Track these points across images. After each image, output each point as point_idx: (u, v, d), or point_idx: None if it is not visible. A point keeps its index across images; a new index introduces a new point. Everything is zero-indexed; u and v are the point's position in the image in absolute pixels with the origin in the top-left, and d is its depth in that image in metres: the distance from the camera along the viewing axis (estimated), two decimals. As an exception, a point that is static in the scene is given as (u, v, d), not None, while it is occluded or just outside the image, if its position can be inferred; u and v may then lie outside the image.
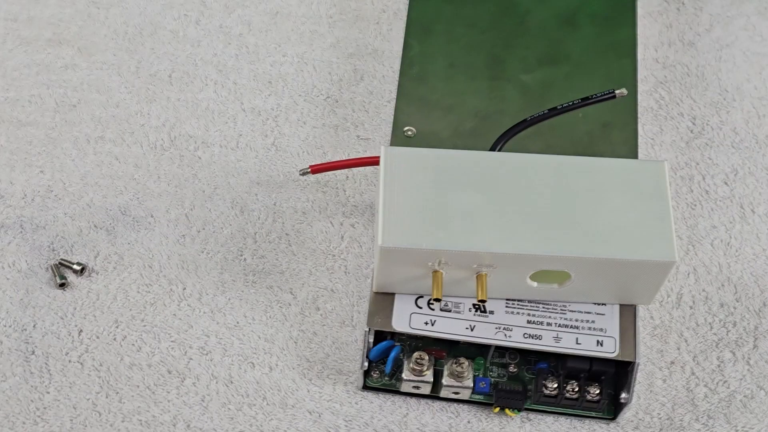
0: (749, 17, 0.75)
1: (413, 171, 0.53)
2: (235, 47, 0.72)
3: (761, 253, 0.63)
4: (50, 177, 0.65)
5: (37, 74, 0.70)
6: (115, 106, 0.69)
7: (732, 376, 0.59)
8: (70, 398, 0.57)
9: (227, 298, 0.61)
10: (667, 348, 0.60)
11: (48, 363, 0.58)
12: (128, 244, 0.63)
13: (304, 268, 0.62)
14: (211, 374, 0.58)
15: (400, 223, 0.51)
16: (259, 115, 0.69)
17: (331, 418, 0.57)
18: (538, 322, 0.55)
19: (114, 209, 0.64)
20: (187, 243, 0.63)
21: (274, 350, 0.59)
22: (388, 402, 0.58)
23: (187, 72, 0.71)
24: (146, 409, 0.57)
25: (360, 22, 0.74)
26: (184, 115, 0.69)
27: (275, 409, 0.57)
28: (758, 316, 0.61)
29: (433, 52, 0.65)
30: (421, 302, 0.55)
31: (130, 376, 0.58)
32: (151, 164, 0.66)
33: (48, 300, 0.60)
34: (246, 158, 0.67)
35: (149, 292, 0.61)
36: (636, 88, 0.63)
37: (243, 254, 0.63)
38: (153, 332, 0.59)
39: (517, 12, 0.67)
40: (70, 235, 0.63)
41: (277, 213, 0.64)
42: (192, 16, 0.73)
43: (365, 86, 0.70)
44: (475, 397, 0.56)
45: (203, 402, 0.57)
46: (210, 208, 0.64)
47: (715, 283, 0.62)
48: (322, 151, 0.67)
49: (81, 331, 0.59)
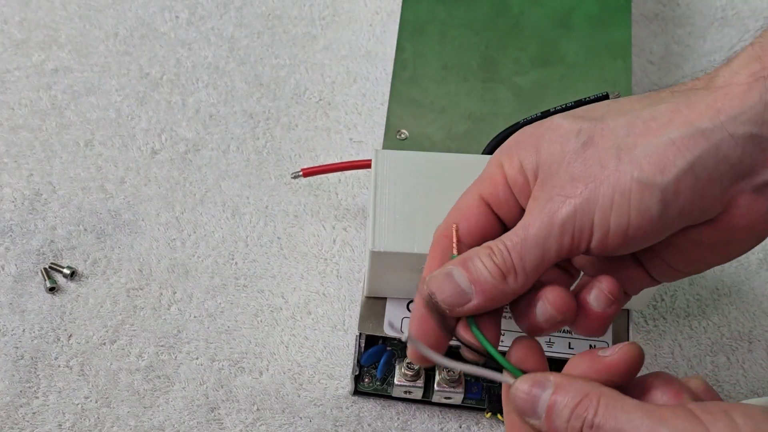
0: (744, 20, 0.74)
1: (405, 174, 0.53)
2: (227, 49, 0.72)
3: (755, 257, 0.63)
4: (40, 180, 0.65)
5: (28, 77, 0.70)
6: (106, 108, 0.68)
7: (726, 380, 0.58)
8: (58, 403, 0.57)
9: (218, 302, 0.61)
10: (660, 353, 0.59)
11: (37, 367, 0.58)
12: (118, 248, 0.62)
13: (295, 272, 0.62)
14: (201, 379, 0.58)
15: (392, 227, 0.51)
16: (251, 118, 0.68)
17: (322, 423, 0.56)
18: (531, 327, 0.54)
19: (104, 213, 0.64)
20: (178, 247, 0.62)
21: (265, 354, 0.59)
22: (380, 407, 0.57)
23: (178, 74, 0.70)
24: (135, 413, 0.56)
25: (353, 24, 0.73)
26: (176, 118, 0.68)
27: (265, 413, 0.57)
28: (753, 320, 0.60)
29: (426, 54, 0.64)
30: (412, 307, 0.55)
31: (119, 381, 0.57)
32: (141, 167, 0.66)
33: (37, 304, 0.60)
34: (237, 161, 0.66)
35: (139, 296, 0.61)
36: (630, 90, 0.63)
37: (234, 258, 0.62)
38: (143, 336, 0.59)
39: (511, 13, 0.66)
40: (60, 239, 0.62)
41: (269, 216, 0.64)
42: (184, 18, 0.73)
43: (358, 88, 0.70)
44: (467, 402, 0.56)
45: (192, 407, 0.57)
46: (201, 212, 0.64)
47: (709, 287, 0.62)
48: (315, 153, 0.67)
49: (70, 335, 0.59)
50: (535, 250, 0.39)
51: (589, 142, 0.39)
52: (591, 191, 0.38)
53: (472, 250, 0.40)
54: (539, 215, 0.39)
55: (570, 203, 0.38)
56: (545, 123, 0.41)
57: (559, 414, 0.36)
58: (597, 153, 0.38)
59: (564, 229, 0.38)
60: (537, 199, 0.39)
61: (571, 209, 0.38)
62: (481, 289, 0.39)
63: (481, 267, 0.39)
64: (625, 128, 0.38)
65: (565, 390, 0.37)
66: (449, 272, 0.40)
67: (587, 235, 0.38)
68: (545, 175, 0.39)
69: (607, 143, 0.38)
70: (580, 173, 0.38)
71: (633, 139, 0.38)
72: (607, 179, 0.37)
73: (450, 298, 0.39)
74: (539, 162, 0.40)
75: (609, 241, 0.38)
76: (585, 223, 0.38)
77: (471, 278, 0.39)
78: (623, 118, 0.39)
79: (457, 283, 0.39)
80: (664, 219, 0.38)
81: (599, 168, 0.38)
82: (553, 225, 0.38)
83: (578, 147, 0.39)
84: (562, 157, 0.39)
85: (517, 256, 0.39)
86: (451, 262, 0.40)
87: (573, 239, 0.38)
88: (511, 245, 0.39)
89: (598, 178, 0.38)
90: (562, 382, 0.37)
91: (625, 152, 0.37)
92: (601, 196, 0.37)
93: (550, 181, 0.39)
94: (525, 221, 0.39)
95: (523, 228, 0.39)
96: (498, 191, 0.42)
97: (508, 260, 0.39)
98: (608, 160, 0.38)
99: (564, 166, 0.39)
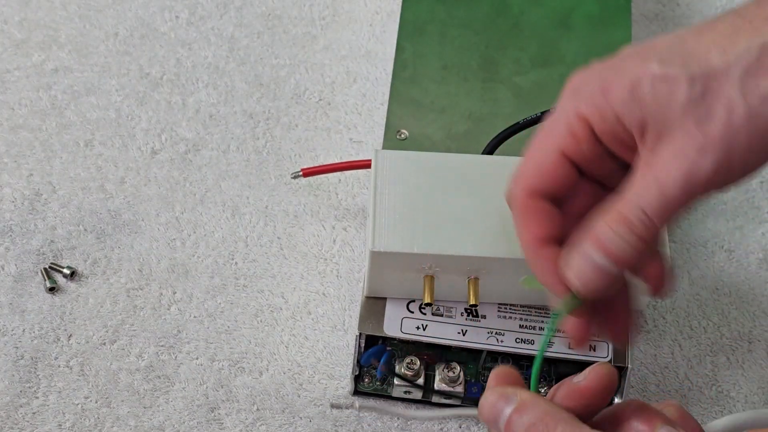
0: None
1: (405, 174, 0.52)
2: (227, 49, 0.72)
3: (755, 257, 0.63)
4: (40, 180, 0.65)
5: (28, 77, 0.70)
6: (106, 108, 0.68)
7: (726, 380, 0.58)
8: (58, 403, 0.57)
9: (218, 302, 0.60)
10: (660, 353, 0.59)
11: (37, 367, 0.58)
12: (118, 248, 0.62)
13: (295, 272, 0.62)
14: (201, 379, 0.58)
15: (392, 227, 0.51)
16: (251, 118, 0.68)
17: (322, 423, 0.56)
18: (531, 327, 0.54)
19: (104, 213, 0.64)
20: (178, 247, 0.62)
21: (265, 354, 0.59)
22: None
23: (178, 74, 0.70)
24: (135, 413, 0.56)
25: (353, 24, 0.73)
26: (176, 118, 0.68)
27: (265, 413, 0.57)
28: (753, 320, 0.60)
29: (426, 54, 0.64)
30: (412, 307, 0.55)
31: (119, 381, 0.57)
32: (141, 167, 0.66)
33: (37, 304, 0.60)
34: (237, 161, 0.66)
35: (139, 296, 0.60)
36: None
37: (234, 258, 0.62)
38: (143, 336, 0.59)
39: (511, 13, 0.66)
40: (60, 239, 0.62)
41: (269, 216, 0.64)
42: (184, 18, 0.73)
43: (358, 88, 0.70)
44: (467, 402, 0.56)
45: (192, 407, 0.57)
46: (201, 212, 0.64)
47: (709, 287, 0.62)
48: (315, 153, 0.67)
49: (70, 335, 0.59)
50: (678, 206, 0.37)
51: (707, 91, 0.37)
52: (729, 141, 0.36)
53: (605, 225, 0.38)
54: (678, 171, 0.37)
55: (711, 156, 0.36)
56: (632, 69, 0.38)
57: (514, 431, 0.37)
58: (721, 101, 0.36)
59: (710, 183, 0.37)
60: (664, 153, 0.37)
61: (714, 162, 0.36)
62: (630, 264, 0.38)
63: (622, 245, 0.38)
64: (741, 69, 0.36)
65: (526, 409, 0.37)
66: (590, 258, 0.38)
67: (730, 182, 0.37)
68: (661, 129, 0.37)
69: (728, 88, 0.36)
70: (710, 123, 0.36)
71: (755, 81, 0.36)
72: (743, 128, 0.36)
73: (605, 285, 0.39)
74: (647, 114, 0.38)
75: (741, 181, 0.38)
76: (730, 173, 0.37)
77: (617, 257, 0.38)
78: (732, 57, 0.37)
79: (604, 270, 0.38)
80: None
81: (729, 115, 0.36)
82: (696, 181, 0.37)
83: (697, 96, 0.37)
84: (681, 108, 0.37)
85: (658, 220, 0.37)
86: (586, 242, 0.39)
87: (718, 188, 0.37)
88: (651, 211, 0.37)
89: (733, 127, 0.36)
90: (526, 401, 0.37)
91: (751, 95, 0.36)
92: (741, 144, 0.36)
93: (674, 134, 0.37)
94: (660, 178, 0.37)
95: (659, 187, 0.37)
96: (582, 146, 0.40)
97: (651, 228, 0.37)
98: (736, 106, 0.36)
99: (687, 118, 0.37)
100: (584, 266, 0.39)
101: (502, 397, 0.38)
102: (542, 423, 0.36)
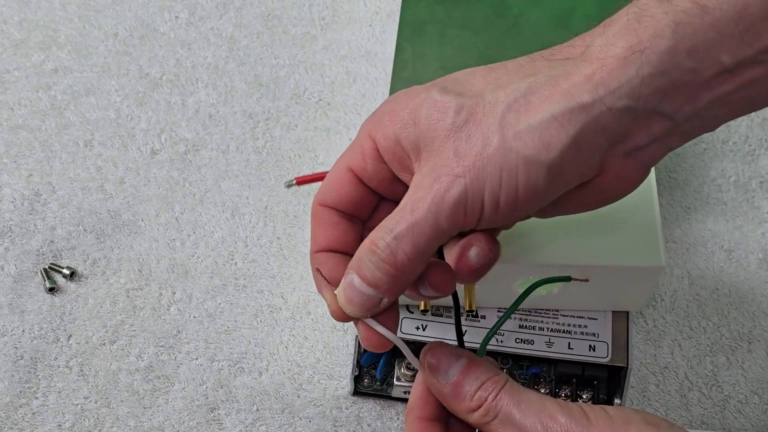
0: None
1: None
2: (226, 50, 0.72)
3: (755, 257, 0.63)
4: (39, 180, 0.65)
5: (28, 77, 0.70)
6: (106, 109, 0.68)
7: (726, 380, 0.58)
8: (58, 403, 0.57)
9: (217, 302, 0.60)
10: (660, 353, 0.59)
11: (36, 368, 0.58)
12: (118, 248, 0.62)
13: (295, 272, 0.62)
14: (200, 379, 0.58)
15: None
16: (250, 118, 0.68)
17: (322, 423, 0.56)
18: (530, 327, 0.54)
19: (104, 213, 0.64)
20: (177, 247, 0.62)
21: (265, 355, 0.59)
22: (379, 407, 0.57)
23: (178, 74, 0.70)
24: (135, 414, 0.56)
25: (352, 24, 0.73)
26: (176, 118, 0.68)
27: (265, 414, 0.57)
28: (752, 320, 0.60)
29: (425, 54, 0.64)
30: (412, 307, 0.55)
31: (119, 381, 0.57)
32: (141, 167, 0.66)
33: (37, 304, 0.60)
34: (237, 161, 0.66)
35: (139, 296, 0.61)
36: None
37: (234, 258, 0.62)
38: (142, 337, 0.59)
39: (511, 13, 0.66)
40: (60, 239, 0.62)
41: (269, 217, 0.64)
42: (184, 19, 0.73)
43: (358, 88, 0.70)
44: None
45: (192, 407, 0.57)
46: (201, 212, 0.64)
47: (709, 287, 0.62)
48: (314, 154, 0.67)
49: (70, 335, 0.59)
50: (428, 230, 0.38)
51: (471, 119, 0.38)
52: (478, 170, 0.38)
53: (361, 250, 0.39)
54: (428, 195, 0.38)
55: (460, 183, 0.38)
56: (420, 95, 0.40)
57: (471, 382, 0.39)
58: (480, 130, 0.38)
59: (456, 209, 0.38)
60: (423, 176, 0.39)
61: (461, 189, 0.38)
62: (384, 289, 0.39)
63: (372, 269, 0.39)
64: (505, 104, 0.38)
65: (478, 366, 0.40)
66: (350, 281, 0.40)
67: (478, 211, 0.38)
68: (428, 152, 0.39)
69: (490, 119, 0.38)
70: (466, 151, 0.38)
71: (515, 116, 0.38)
72: (493, 157, 0.38)
73: (364, 306, 0.40)
74: (420, 136, 0.39)
75: (498, 216, 0.39)
76: (476, 202, 0.38)
77: (370, 282, 0.39)
78: (502, 92, 0.39)
79: (362, 292, 0.39)
80: (550, 191, 0.38)
81: (483, 146, 0.38)
82: (443, 205, 0.38)
83: (460, 123, 0.38)
84: (445, 134, 0.39)
85: (407, 245, 0.38)
86: (350, 267, 0.40)
87: (465, 216, 0.38)
88: (398, 234, 0.38)
89: (484, 156, 0.38)
90: (474, 360, 0.40)
91: (508, 129, 0.38)
92: (489, 174, 0.38)
93: (434, 159, 0.39)
94: (412, 201, 0.39)
95: (411, 211, 0.38)
96: (366, 164, 0.41)
97: (397, 253, 0.38)
98: (492, 137, 0.38)
99: (449, 143, 0.39)
100: (348, 288, 0.40)
101: (454, 354, 0.41)
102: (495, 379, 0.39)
